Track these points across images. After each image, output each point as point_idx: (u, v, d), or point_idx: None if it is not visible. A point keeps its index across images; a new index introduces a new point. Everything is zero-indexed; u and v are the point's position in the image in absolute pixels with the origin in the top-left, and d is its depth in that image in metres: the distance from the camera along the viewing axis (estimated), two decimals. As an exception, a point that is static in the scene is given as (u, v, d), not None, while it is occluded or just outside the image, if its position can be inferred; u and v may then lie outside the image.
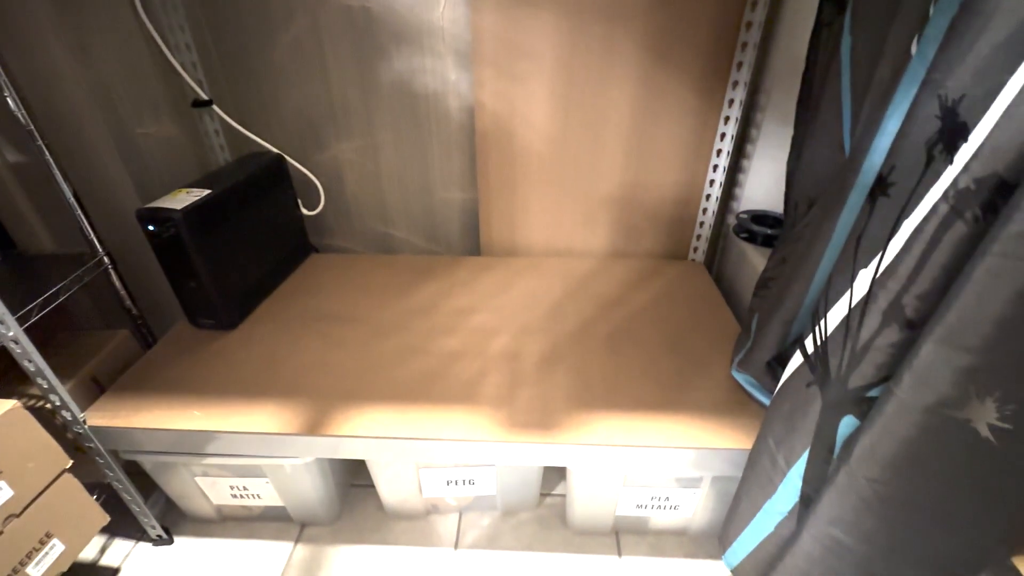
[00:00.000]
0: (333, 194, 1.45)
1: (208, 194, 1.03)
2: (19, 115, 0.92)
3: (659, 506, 1.03)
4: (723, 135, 1.23)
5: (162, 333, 1.20)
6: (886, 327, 0.50)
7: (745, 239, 1.31)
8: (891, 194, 0.51)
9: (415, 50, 1.24)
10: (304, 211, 1.42)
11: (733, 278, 1.36)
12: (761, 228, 1.28)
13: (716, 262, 1.49)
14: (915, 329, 0.48)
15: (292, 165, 1.36)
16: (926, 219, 0.45)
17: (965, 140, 0.42)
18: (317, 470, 1.01)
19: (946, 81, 0.45)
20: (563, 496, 1.17)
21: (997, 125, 0.39)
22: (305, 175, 1.39)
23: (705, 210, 1.35)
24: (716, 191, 1.32)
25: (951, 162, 0.43)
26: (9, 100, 0.90)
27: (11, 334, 0.79)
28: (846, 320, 0.55)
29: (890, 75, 0.67)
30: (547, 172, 1.32)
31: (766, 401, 0.90)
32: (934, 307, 0.46)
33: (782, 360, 0.87)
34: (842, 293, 0.56)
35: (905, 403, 0.48)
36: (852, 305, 0.54)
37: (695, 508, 1.03)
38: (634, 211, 1.37)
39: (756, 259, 1.23)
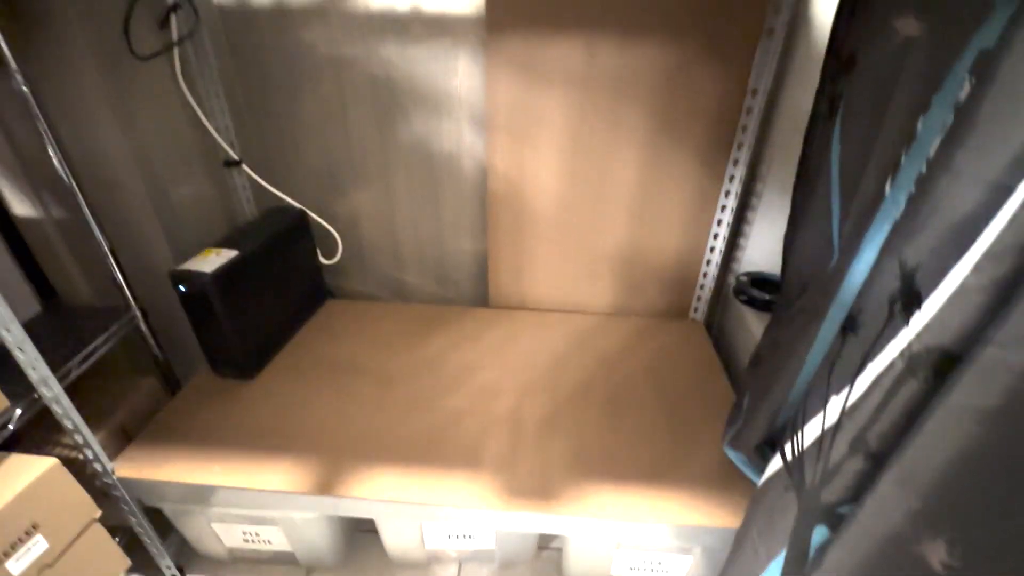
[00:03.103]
0: (349, 241, 1.52)
1: (235, 256, 1.11)
2: (64, 176, 1.00)
3: (652, 569, 1.07)
4: (723, 207, 1.29)
5: (184, 373, 1.27)
6: (852, 456, 0.55)
7: (744, 302, 1.35)
8: (859, 334, 0.56)
9: (433, 113, 1.32)
10: (322, 260, 1.49)
11: (732, 338, 1.40)
12: (760, 293, 1.32)
13: (716, 320, 1.54)
14: (878, 462, 0.53)
15: (312, 217, 1.44)
16: (886, 370, 0.50)
17: (919, 308, 0.47)
18: (325, 521, 1.06)
19: (905, 248, 0.50)
20: (560, 549, 1.21)
21: (944, 305, 0.44)
22: (324, 226, 1.47)
23: (706, 274, 1.40)
24: (717, 256, 1.37)
25: (907, 324, 0.48)
26: (55, 163, 0.98)
27: (52, 394, 0.86)
28: (819, 440, 0.60)
29: (871, 197, 0.72)
30: (554, 231, 1.39)
31: (756, 479, 0.94)
32: (893, 447, 0.50)
33: (771, 444, 0.91)
34: (816, 412, 0.61)
35: (867, 529, 0.52)
36: (824, 427, 0.59)
37: (686, 574, 1.06)
38: (637, 270, 1.42)
39: (754, 324, 1.27)
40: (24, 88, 0.89)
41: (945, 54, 0.60)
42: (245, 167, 1.34)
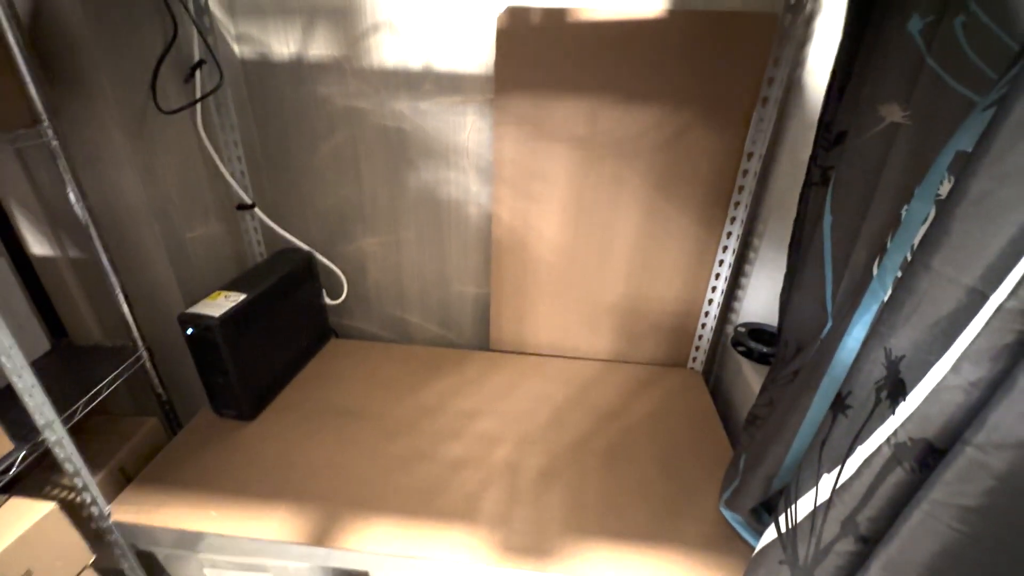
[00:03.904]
0: (355, 282, 1.56)
1: (243, 299, 1.13)
2: (82, 219, 1.03)
3: (647, 630, 1.05)
4: (721, 261, 1.32)
5: (186, 412, 1.28)
6: (844, 536, 0.55)
7: (742, 353, 1.37)
8: (848, 415, 0.57)
9: (441, 164, 1.37)
10: (328, 300, 1.52)
11: (730, 388, 1.41)
12: (757, 345, 1.34)
13: (714, 369, 1.55)
14: (868, 544, 0.53)
15: (319, 260, 1.47)
16: (873, 455, 0.51)
17: (904, 398, 0.49)
18: (319, 570, 1.05)
19: (890, 337, 0.52)
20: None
21: (927, 399, 0.46)
22: (331, 268, 1.50)
23: (704, 324, 1.42)
24: (715, 308, 1.39)
25: (893, 412, 0.50)
26: (76, 206, 1.02)
27: (56, 438, 0.88)
28: (812, 516, 0.61)
29: (860, 274, 0.75)
30: (556, 279, 1.42)
31: (753, 541, 0.94)
32: (882, 533, 0.51)
33: (767, 507, 0.91)
34: (809, 487, 0.62)
35: (859, 614, 0.53)
36: (816, 504, 0.60)
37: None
38: (636, 319, 1.45)
39: (751, 376, 1.28)
40: (54, 142, 0.93)
41: (927, 147, 0.64)
42: (258, 210, 1.38)
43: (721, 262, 1.32)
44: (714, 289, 1.37)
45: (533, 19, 1.11)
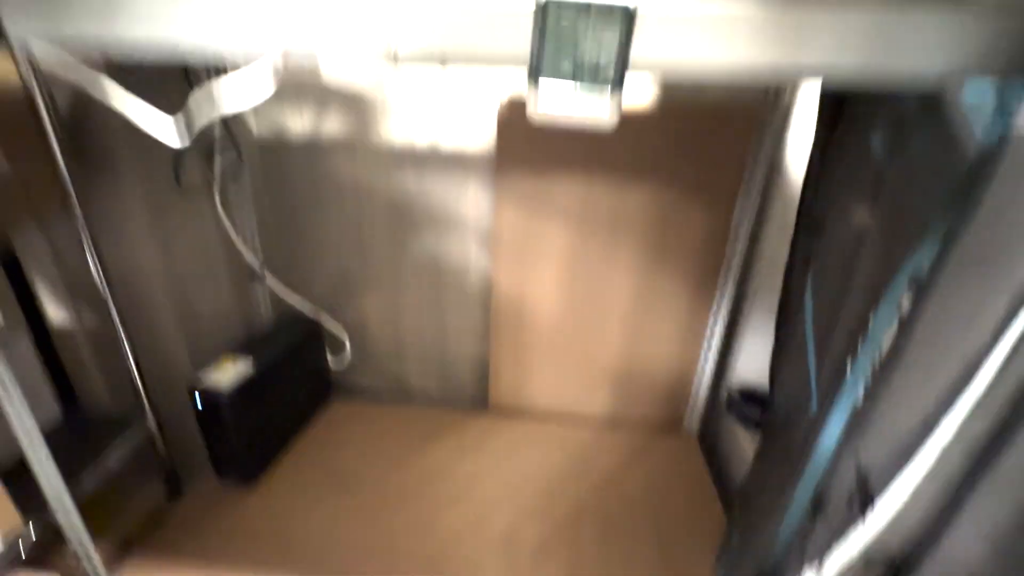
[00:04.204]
0: (357, 339, 1.60)
1: (252, 371, 1.17)
2: (100, 289, 1.08)
3: None
4: (712, 331, 1.37)
5: (186, 467, 1.28)
6: (826, 637, 0.58)
7: (735, 416, 1.39)
8: (827, 514, 0.60)
9: (443, 229, 1.44)
10: (331, 363, 1.55)
11: (724, 448, 1.43)
12: (750, 410, 1.36)
13: (709, 429, 1.57)
14: (850, 647, 0.56)
15: (325, 324, 1.52)
16: (849, 562, 0.54)
17: (872, 508, 0.52)
18: (314, 645, 1.05)
19: (860, 447, 0.56)
20: None
21: (892, 517, 0.49)
22: (335, 332, 1.55)
23: (697, 387, 1.46)
24: (708, 374, 1.43)
25: (863, 522, 0.53)
26: (95, 277, 1.06)
27: (64, 513, 0.90)
28: (797, 613, 0.63)
29: (836, 368, 0.79)
30: (553, 342, 1.46)
31: (747, 621, 0.94)
32: (861, 636, 0.54)
33: (759, 586, 0.92)
34: (794, 581, 0.65)
35: None
36: (801, 601, 0.62)
37: None
38: (632, 381, 1.48)
39: (745, 442, 1.30)
40: (81, 220, 0.99)
41: (892, 254, 0.69)
42: (268, 281, 1.44)
43: (712, 331, 1.37)
44: (706, 356, 1.41)
45: (531, 109, 1.20)
